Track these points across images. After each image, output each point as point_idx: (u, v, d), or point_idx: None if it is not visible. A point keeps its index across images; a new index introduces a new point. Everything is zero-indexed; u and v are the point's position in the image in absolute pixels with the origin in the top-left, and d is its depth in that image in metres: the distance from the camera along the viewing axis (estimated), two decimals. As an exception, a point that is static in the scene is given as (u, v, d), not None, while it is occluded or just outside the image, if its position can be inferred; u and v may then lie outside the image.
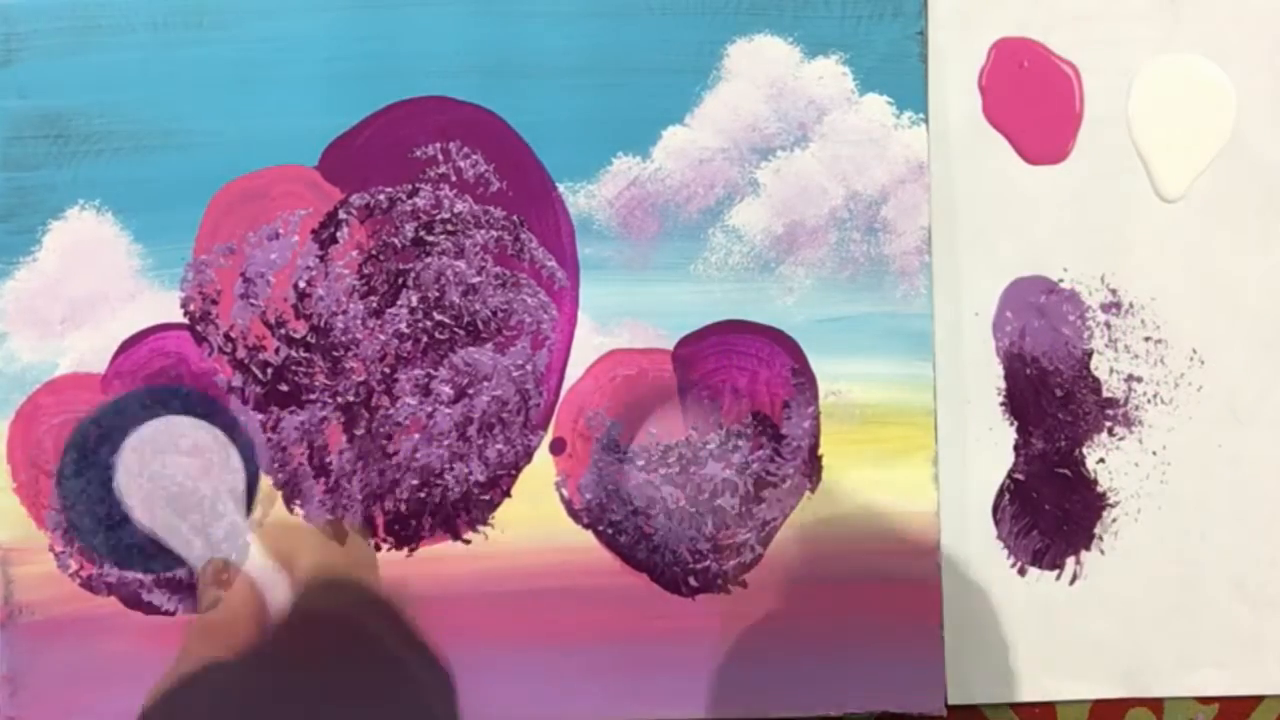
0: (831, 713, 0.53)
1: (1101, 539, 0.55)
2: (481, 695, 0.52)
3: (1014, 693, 0.54)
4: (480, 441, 0.53)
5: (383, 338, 0.53)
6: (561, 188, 0.54)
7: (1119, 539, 0.55)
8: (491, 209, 0.54)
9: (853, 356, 0.54)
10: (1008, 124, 0.55)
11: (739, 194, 0.54)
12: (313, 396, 0.53)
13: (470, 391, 0.53)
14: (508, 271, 0.54)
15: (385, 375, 0.53)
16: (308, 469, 0.53)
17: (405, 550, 0.53)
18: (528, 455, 0.54)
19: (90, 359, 0.53)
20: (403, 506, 0.53)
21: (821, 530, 0.53)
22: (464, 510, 0.53)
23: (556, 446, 0.54)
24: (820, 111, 0.54)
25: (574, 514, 0.53)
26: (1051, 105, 0.55)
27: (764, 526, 0.53)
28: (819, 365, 0.54)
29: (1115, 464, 0.55)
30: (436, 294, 0.54)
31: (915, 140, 0.54)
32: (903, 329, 0.54)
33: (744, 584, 0.53)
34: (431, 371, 0.53)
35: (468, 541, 0.53)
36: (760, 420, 0.54)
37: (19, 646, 0.52)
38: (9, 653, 0.52)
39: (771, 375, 0.54)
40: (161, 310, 0.53)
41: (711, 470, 0.53)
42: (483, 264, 0.54)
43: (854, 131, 0.54)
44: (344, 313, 0.53)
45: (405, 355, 0.53)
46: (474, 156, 0.54)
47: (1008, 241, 0.55)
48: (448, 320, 0.54)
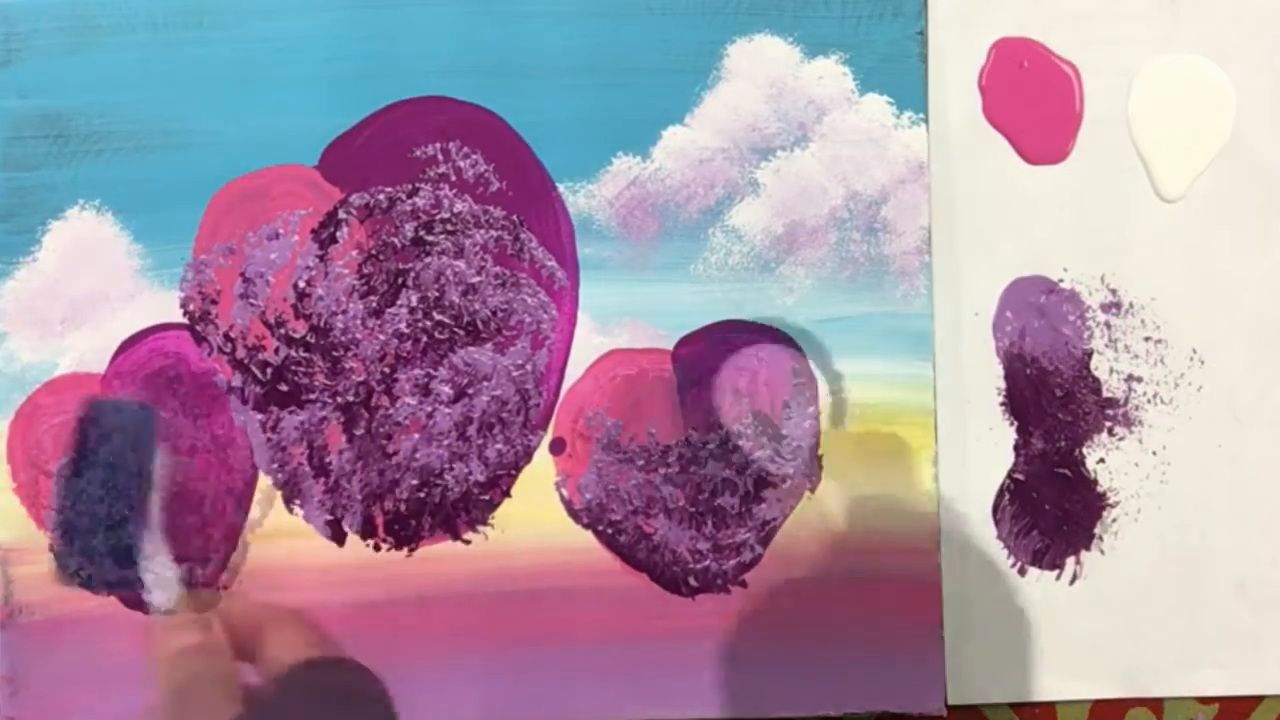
0: (831, 713, 0.53)
1: (1101, 539, 0.55)
2: (481, 695, 0.52)
3: (1014, 693, 0.54)
4: (480, 441, 0.53)
5: (382, 338, 0.53)
6: (561, 188, 0.54)
7: (1119, 539, 0.55)
8: (491, 209, 0.54)
9: (853, 356, 0.54)
10: (1008, 124, 0.55)
11: (739, 194, 0.54)
12: (312, 396, 0.53)
13: (470, 391, 0.53)
14: (508, 271, 0.54)
15: (385, 375, 0.53)
16: (307, 469, 0.53)
17: (405, 550, 0.53)
18: (528, 455, 0.54)
19: (90, 359, 0.53)
20: (403, 506, 0.53)
21: (821, 530, 0.53)
22: (464, 510, 0.53)
23: (556, 446, 0.54)
24: (820, 111, 0.54)
25: (574, 514, 0.53)
26: (1051, 105, 0.55)
27: (764, 526, 0.53)
28: (819, 365, 0.54)
29: (1115, 464, 0.55)
30: (436, 294, 0.54)
31: (915, 140, 0.54)
32: (903, 329, 0.54)
33: (744, 584, 0.53)
34: (431, 371, 0.53)
35: (468, 541, 0.53)
36: (760, 420, 0.54)
37: (19, 646, 0.52)
38: (9, 653, 0.52)
39: (771, 375, 0.54)
40: (161, 310, 0.53)
41: (711, 470, 0.53)
42: (483, 264, 0.54)
43: (854, 131, 0.54)
44: (344, 313, 0.53)
45: (405, 355, 0.53)
46: (474, 156, 0.54)
47: (1008, 241, 0.55)
48: (448, 320, 0.54)
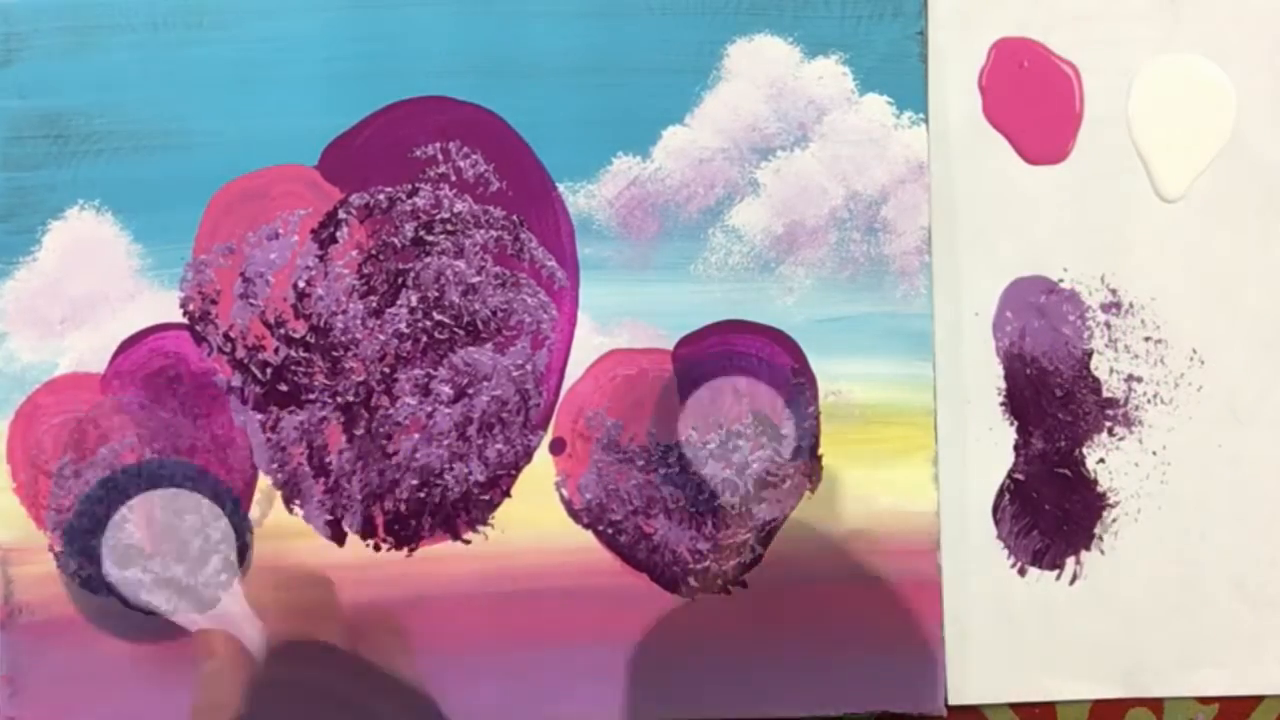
0: (831, 713, 0.53)
1: (1101, 539, 0.55)
2: (481, 695, 0.52)
3: (1014, 693, 0.54)
4: (480, 441, 0.53)
5: (382, 338, 0.53)
6: (561, 188, 0.54)
7: (1119, 539, 0.55)
8: (491, 209, 0.54)
9: (853, 356, 0.54)
10: (1008, 124, 0.55)
11: (739, 194, 0.54)
12: (312, 396, 0.53)
13: (470, 391, 0.53)
14: (508, 271, 0.54)
15: (385, 375, 0.53)
16: (307, 469, 0.53)
17: (405, 550, 0.53)
18: (528, 455, 0.54)
19: (90, 359, 0.53)
20: (403, 506, 0.53)
21: (821, 530, 0.53)
22: (464, 510, 0.53)
23: (556, 446, 0.54)
24: (820, 111, 0.54)
25: (574, 514, 0.53)
26: (1051, 105, 0.55)
27: (764, 526, 0.53)
28: (819, 365, 0.54)
29: (1115, 464, 0.55)
30: (436, 294, 0.54)
31: (915, 140, 0.54)
32: (903, 329, 0.54)
33: (744, 584, 0.53)
34: (431, 371, 0.53)
35: (468, 541, 0.53)
36: (760, 420, 0.54)
37: (19, 646, 0.52)
38: (9, 653, 0.52)
39: (771, 375, 0.54)
40: (161, 310, 0.53)
41: (711, 470, 0.53)
42: (483, 264, 0.54)
43: (854, 131, 0.54)
44: (344, 313, 0.53)
45: (405, 355, 0.53)
46: (474, 156, 0.54)
47: (1008, 241, 0.55)
48: (447, 320, 0.54)
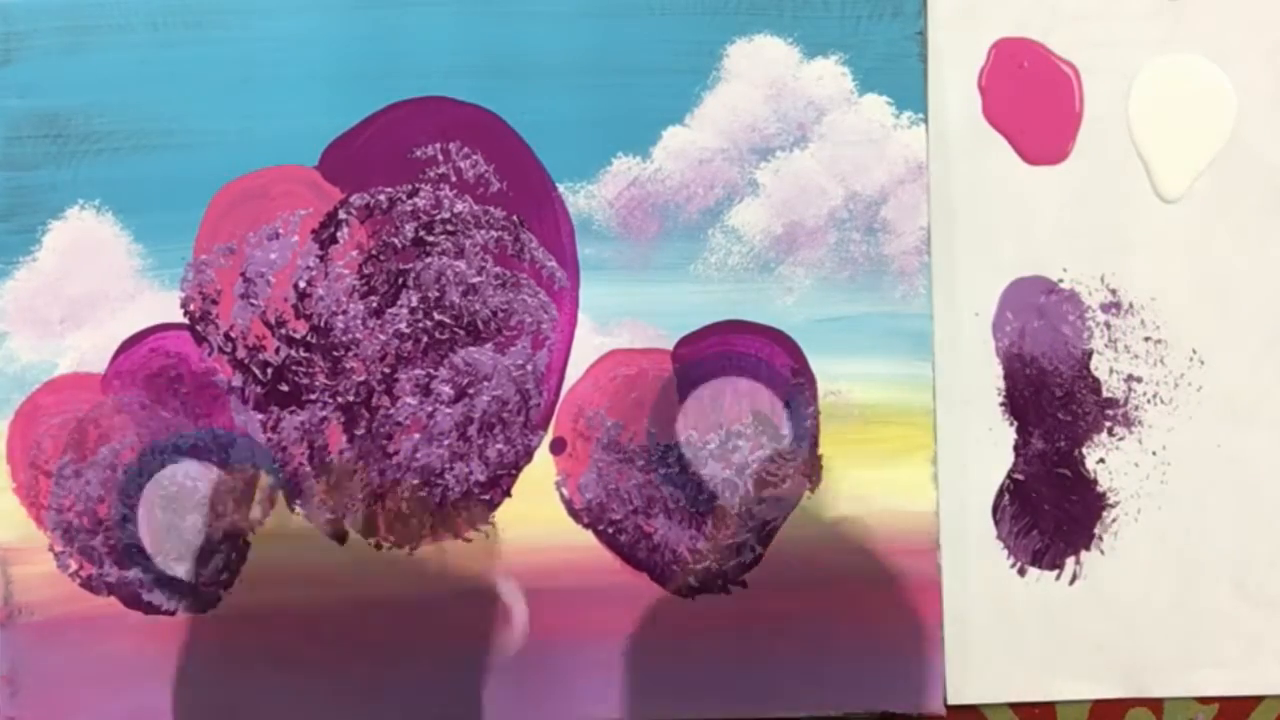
0: (831, 713, 0.53)
1: (1101, 539, 0.55)
2: (482, 695, 0.52)
3: (1014, 693, 0.54)
4: (480, 441, 0.53)
5: (383, 338, 0.53)
6: (561, 188, 0.54)
7: (1119, 539, 0.55)
8: (491, 209, 0.54)
9: (853, 356, 0.54)
10: (1008, 124, 0.55)
11: (739, 194, 0.54)
12: (313, 396, 0.53)
13: (470, 391, 0.53)
14: (508, 271, 0.54)
15: (385, 375, 0.53)
16: (308, 469, 0.53)
17: (406, 549, 0.53)
18: (528, 455, 0.54)
19: (90, 359, 0.53)
20: (403, 506, 0.53)
21: (821, 530, 0.53)
22: (464, 510, 0.53)
23: (556, 446, 0.54)
24: (820, 112, 0.54)
25: (574, 514, 0.53)
26: (1051, 105, 0.55)
27: (764, 526, 0.53)
28: (819, 365, 0.54)
29: (1115, 464, 0.55)
30: (436, 294, 0.54)
31: (915, 140, 0.54)
32: (902, 329, 0.54)
33: (744, 584, 0.53)
34: (432, 371, 0.53)
35: (468, 541, 0.53)
36: (760, 420, 0.54)
37: (19, 646, 0.52)
38: (9, 653, 0.52)
39: (771, 375, 0.54)
40: (161, 310, 0.53)
41: (711, 470, 0.53)
42: (483, 264, 0.54)
43: (853, 132, 0.54)
44: (344, 313, 0.53)
45: (405, 355, 0.53)
46: (474, 156, 0.54)
47: (1008, 241, 0.55)
48: (448, 320, 0.54)
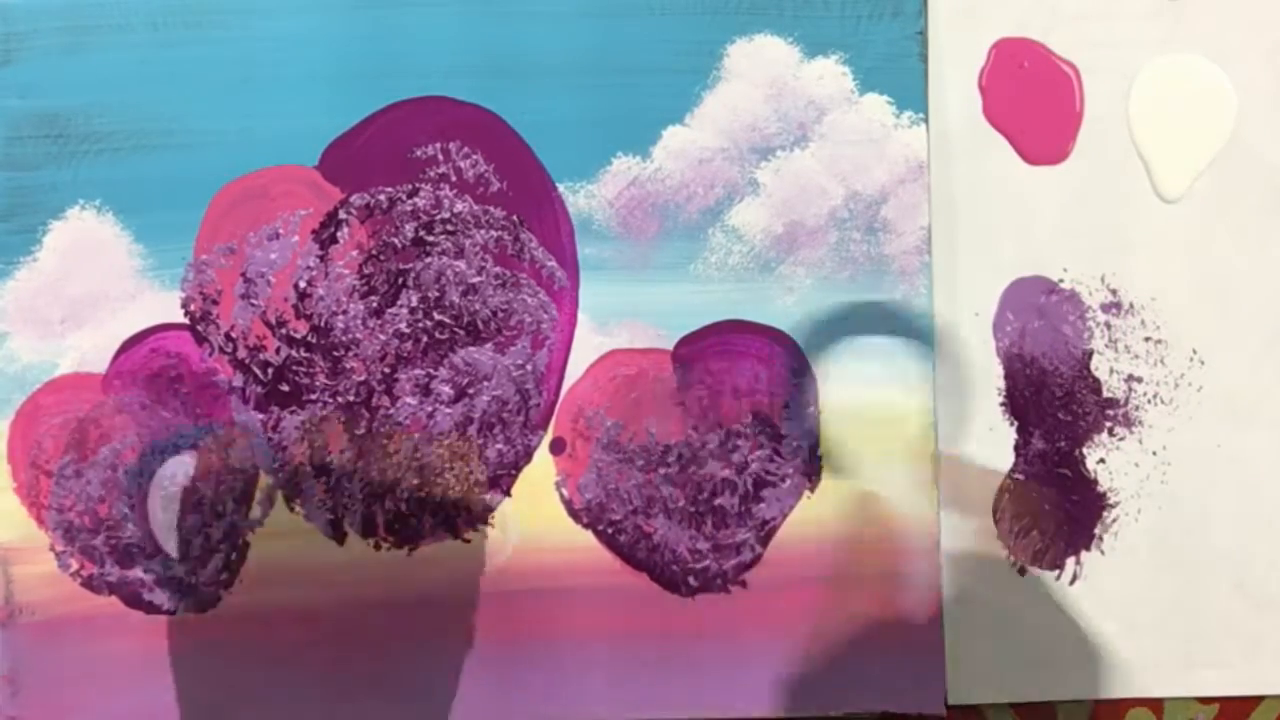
0: (831, 713, 0.53)
1: (1101, 539, 0.55)
2: (481, 695, 0.52)
3: (1014, 693, 0.54)
4: (480, 441, 0.53)
5: (383, 338, 0.53)
6: (561, 188, 0.54)
7: (1119, 539, 0.55)
8: (491, 209, 0.54)
9: (853, 356, 0.54)
10: (1008, 124, 0.55)
11: (739, 194, 0.54)
12: (313, 396, 0.53)
13: (470, 391, 0.53)
14: (508, 271, 0.54)
15: (385, 375, 0.53)
16: (308, 469, 0.53)
17: (405, 550, 0.53)
18: (528, 455, 0.54)
19: (90, 359, 0.53)
20: (403, 506, 0.53)
21: (821, 530, 0.53)
22: (464, 510, 0.53)
23: (556, 446, 0.54)
24: (820, 111, 0.54)
25: (574, 514, 0.53)
26: (1051, 105, 0.55)
27: (764, 526, 0.53)
28: (819, 365, 0.54)
29: (1115, 464, 0.55)
30: (436, 294, 0.54)
31: (915, 140, 0.54)
32: (903, 329, 0.54)
33: (744, 584, 0.53)
34: (431, 371, 0.53)
35: (468, 541, 0.53)
36: (760, 420, 0.54)
37: (19, 646, 0.52)
38: (10, 652, 0.52)
39: (771, 375, 0.54)
40: (162, 310, 0.53)
41: (711, 470, 0.53)
42: (483, 264, 0.54)
43: (854, 131, 0.54)
44: (344, 313, 0.53)
45: (405, 355, 0.53)
46: (474, 156, 0.54)
47: (1008, 241, 0.55)
48: (448, 320, 0.54)
